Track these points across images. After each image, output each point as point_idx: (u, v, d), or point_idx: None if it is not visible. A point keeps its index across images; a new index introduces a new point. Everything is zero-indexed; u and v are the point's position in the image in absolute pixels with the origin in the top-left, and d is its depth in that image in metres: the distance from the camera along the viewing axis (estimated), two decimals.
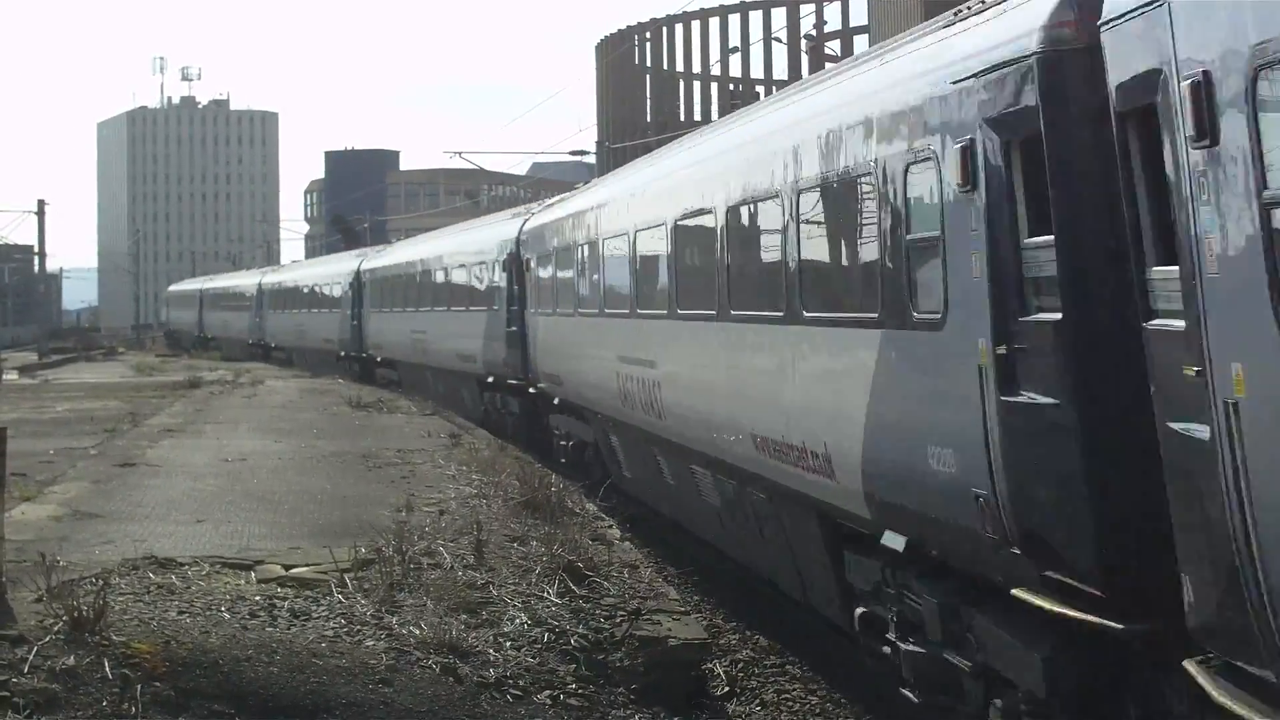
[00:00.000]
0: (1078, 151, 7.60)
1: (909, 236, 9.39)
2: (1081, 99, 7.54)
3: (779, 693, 12.22)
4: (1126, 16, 6.89)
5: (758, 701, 12.00)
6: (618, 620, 11.37)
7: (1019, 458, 8.06)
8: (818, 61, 46.32)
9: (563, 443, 24.10)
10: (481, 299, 30.67)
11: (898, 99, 9.62)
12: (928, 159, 9.00)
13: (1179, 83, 6.38)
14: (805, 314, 11.34)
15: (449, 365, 34.44)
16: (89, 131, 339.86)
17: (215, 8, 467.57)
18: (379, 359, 44.46)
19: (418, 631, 10.29)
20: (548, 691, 9.88)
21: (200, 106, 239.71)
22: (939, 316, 8.90)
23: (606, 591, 12.31)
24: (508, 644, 10.49)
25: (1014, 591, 8.38)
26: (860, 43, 70.15)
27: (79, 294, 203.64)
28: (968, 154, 8.41)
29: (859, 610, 11.07)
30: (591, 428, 21.73)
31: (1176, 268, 6.60)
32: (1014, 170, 8.11)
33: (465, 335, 31.83)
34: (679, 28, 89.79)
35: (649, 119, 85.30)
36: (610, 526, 16.10)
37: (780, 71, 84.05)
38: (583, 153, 56.18)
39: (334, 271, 53.30)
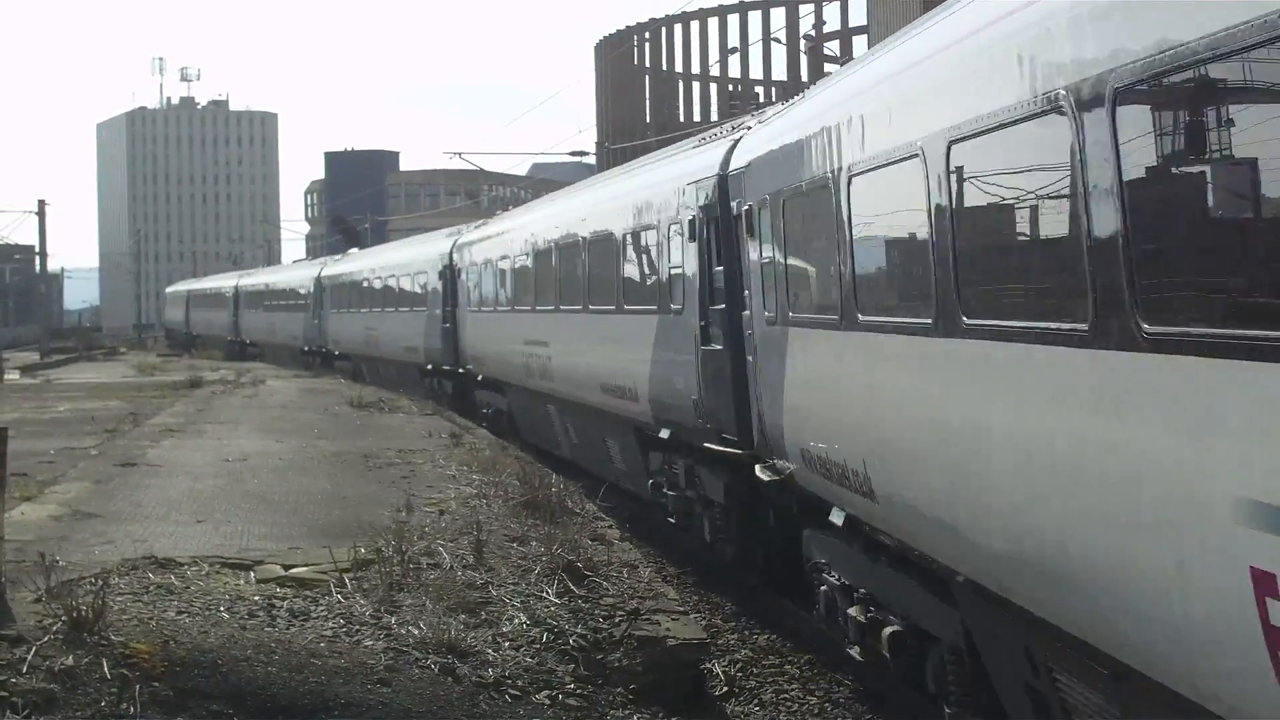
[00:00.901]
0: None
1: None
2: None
3: (778, 693, 12.23)
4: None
5: (756, 701, 12.01)
6: (616, 620, 11.37)
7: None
8: (817, 62, 46.28)
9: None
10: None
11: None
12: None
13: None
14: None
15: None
16: (89, 132, 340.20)
17: (215, 8, 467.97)
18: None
19: (416, 631, 10.30)
20: (546, 691, 9.89)
21: (200, 107, 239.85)
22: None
23: (605, 591, 12.31)
24: (506, 644, 10.50)
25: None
26: (860, 43, 70.17)
27: (80, 294, 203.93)
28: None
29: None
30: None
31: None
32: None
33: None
34: (678, 28, 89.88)
35: (648, 119, 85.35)
36: (610, 526, 16.10)
37: (779, 72, 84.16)
38: (582, 153, 56.18)
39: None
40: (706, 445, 15.33)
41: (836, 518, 10.98)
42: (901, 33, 9.92)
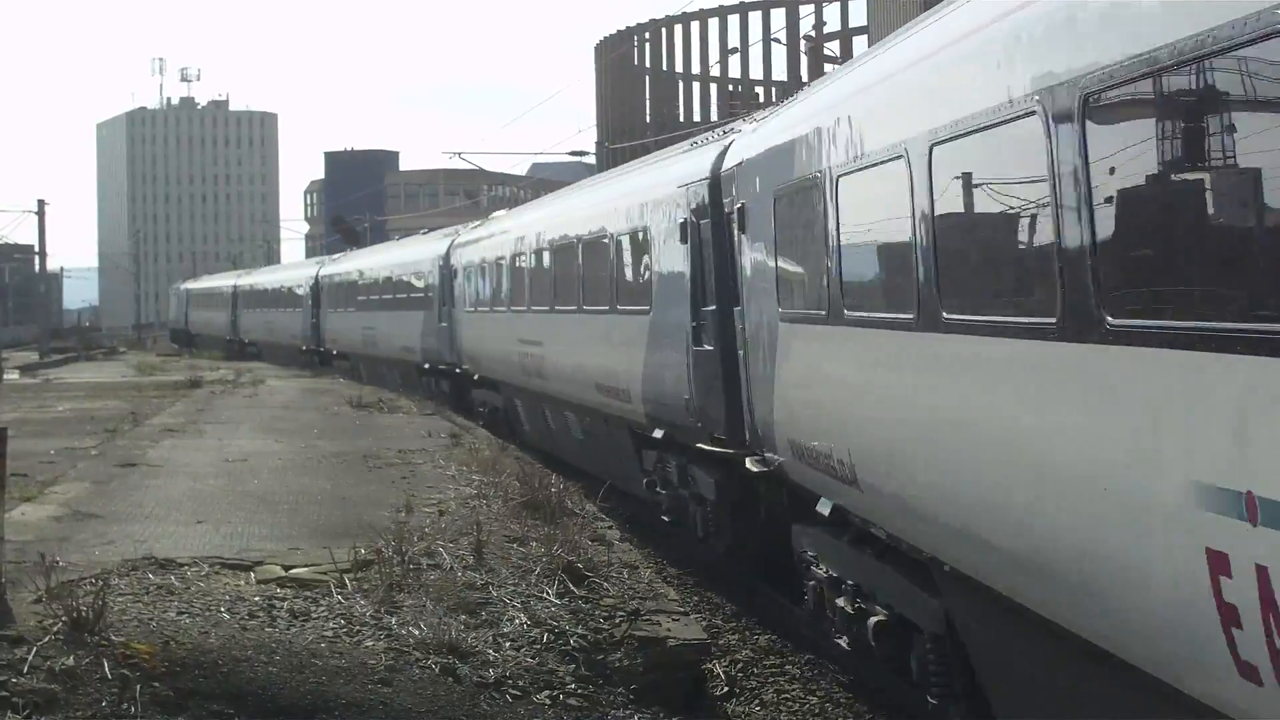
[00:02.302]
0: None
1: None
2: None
3: (778, 693, 12.22)
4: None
5: (757, 702, 12.00)
6: (617, 620, 11.37)
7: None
8: (817, 62, 46.28)
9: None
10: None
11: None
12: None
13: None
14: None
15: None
16: (89, 132, 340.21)
17: (215, 8, 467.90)
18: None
19: (417, 632, 10.30)
20: (547, 692, 9.88)
21: (199, 107, 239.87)
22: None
23: (606, 592, 12.31)
24: (507, 644, 10.50)
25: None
26: (860, 43, 70.18)
27: (80, 294, 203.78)
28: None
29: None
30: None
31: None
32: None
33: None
34: (678, 29, 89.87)
35: (648, 120, 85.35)
36: (610, 527, 16.10)
37: (779, 72, 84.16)
38: (582, 153, 56.14)
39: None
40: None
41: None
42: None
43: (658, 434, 17.47)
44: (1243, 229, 5.51)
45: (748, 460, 13.52)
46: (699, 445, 15.53)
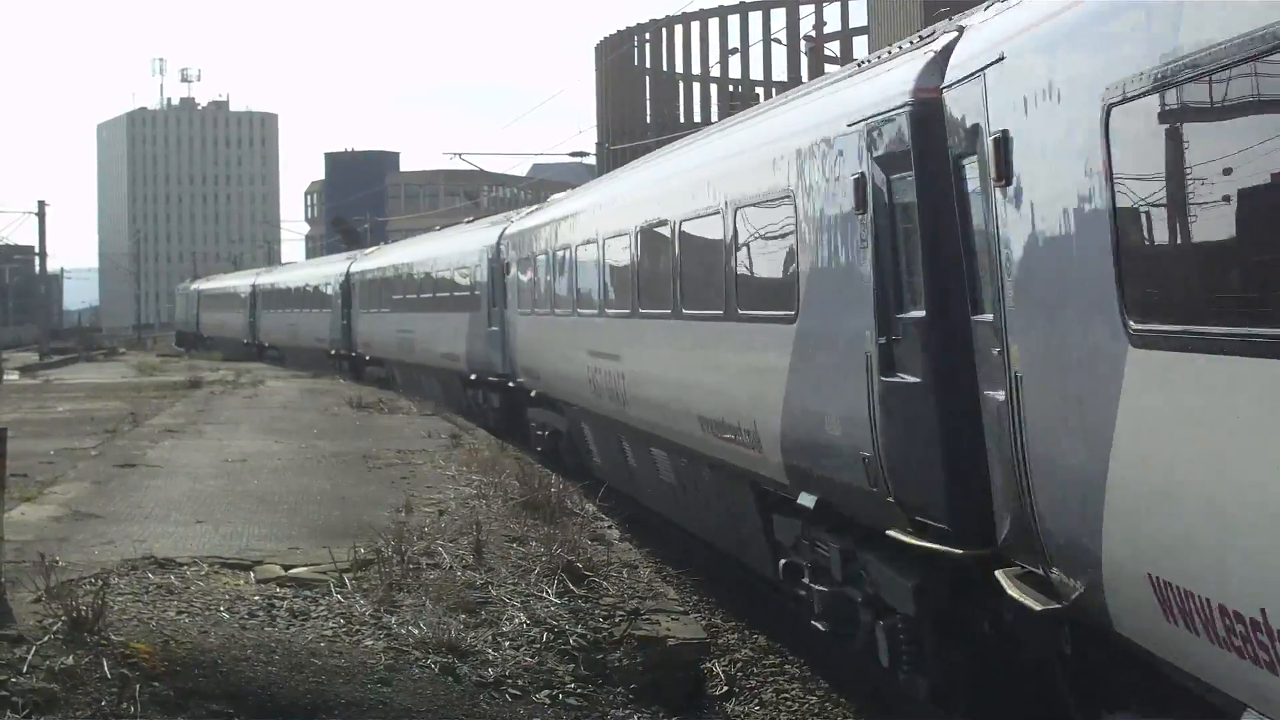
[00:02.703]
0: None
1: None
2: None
3: (778, 692, 12.21)
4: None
5: (756, 701, 12.00)
6: (616, 620, 11.37)
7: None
8: (817, 63, 46.30)
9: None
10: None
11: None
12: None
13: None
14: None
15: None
16: (89, 132, 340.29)
17: (215, 8, 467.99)
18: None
19: (416, 631, 10.30)
20: (546, 691, 9.89)
21: (200, 108, 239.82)
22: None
23: (605, 591, 12.30)
24: (506, 644, 10.50)
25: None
26: (860, 44, 70.22)
27: (80, 294, 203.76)
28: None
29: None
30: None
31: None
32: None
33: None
34: (678, 29, 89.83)
35: (649, 120, 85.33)
36: (609, 526, 16.09)
37: (780, 73, 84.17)
38: (582, 154, 56.16)
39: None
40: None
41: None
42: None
43: (806, 501, 11.80)
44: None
45: (1000, 576, 8.35)
46: (891, 533, 9.95)
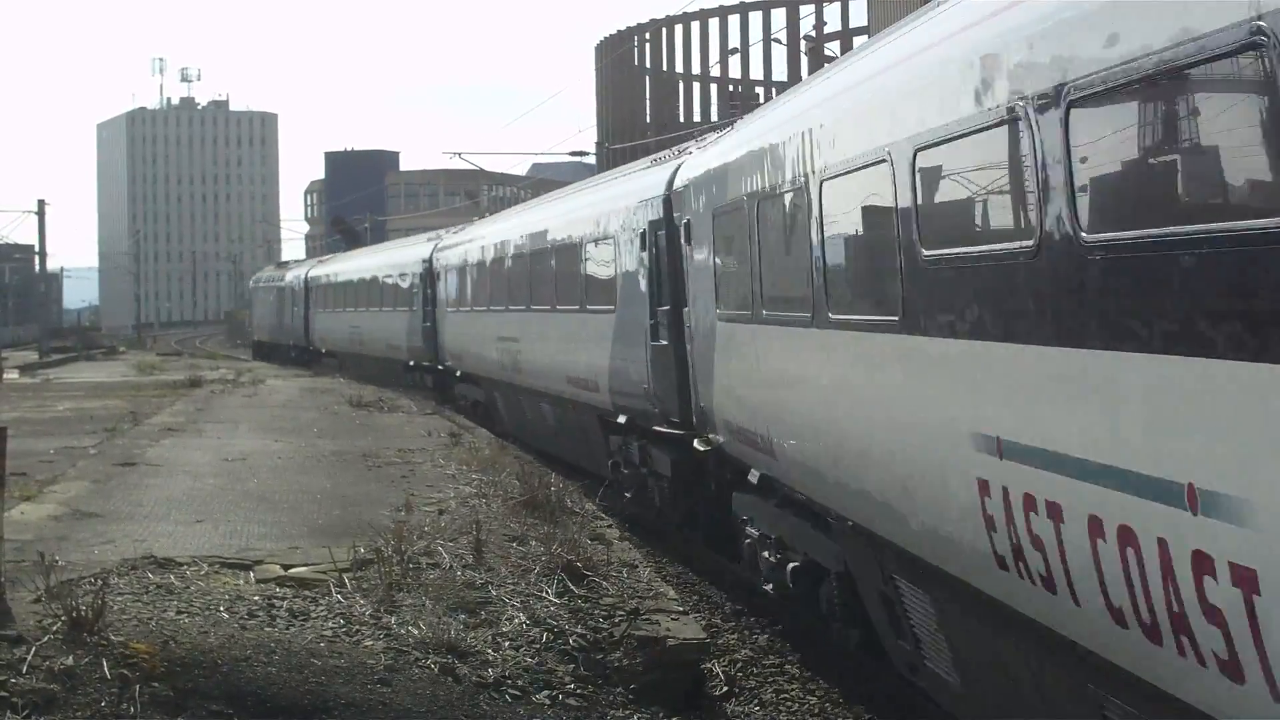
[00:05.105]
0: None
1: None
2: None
3: (778, 692, 12.21)
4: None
5: (756, 701, 11.99)
6: (616, 620, 11.37)
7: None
8: (817, 62, 46.29)
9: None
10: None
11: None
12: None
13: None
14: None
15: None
16: (89, 132, 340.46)
17: (215, 8, 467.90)
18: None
19: (416, 631, 10.29)
20: (546, 691, 9.88)
21: (200, 107, 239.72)
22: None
23: (605, 591, 12.31)
24: (506, 644, 10.49)
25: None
26: (860, 43, 70.07)
27: (80, 293, 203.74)
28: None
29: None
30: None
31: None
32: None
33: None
34: (679, 29, 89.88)
35: (649, 120, 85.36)
36: (609, 526, 16.10)
37: (780, 73, 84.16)
38: (582, 153, 56.17)
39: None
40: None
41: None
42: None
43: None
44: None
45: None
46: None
